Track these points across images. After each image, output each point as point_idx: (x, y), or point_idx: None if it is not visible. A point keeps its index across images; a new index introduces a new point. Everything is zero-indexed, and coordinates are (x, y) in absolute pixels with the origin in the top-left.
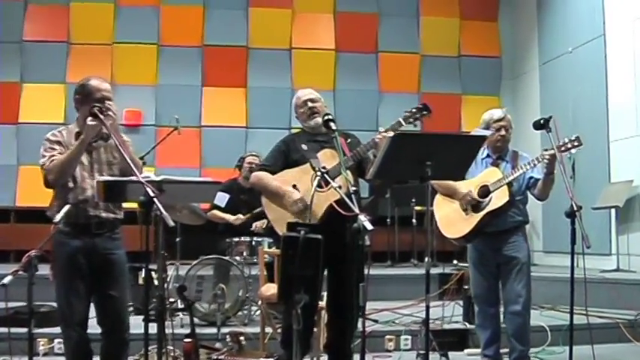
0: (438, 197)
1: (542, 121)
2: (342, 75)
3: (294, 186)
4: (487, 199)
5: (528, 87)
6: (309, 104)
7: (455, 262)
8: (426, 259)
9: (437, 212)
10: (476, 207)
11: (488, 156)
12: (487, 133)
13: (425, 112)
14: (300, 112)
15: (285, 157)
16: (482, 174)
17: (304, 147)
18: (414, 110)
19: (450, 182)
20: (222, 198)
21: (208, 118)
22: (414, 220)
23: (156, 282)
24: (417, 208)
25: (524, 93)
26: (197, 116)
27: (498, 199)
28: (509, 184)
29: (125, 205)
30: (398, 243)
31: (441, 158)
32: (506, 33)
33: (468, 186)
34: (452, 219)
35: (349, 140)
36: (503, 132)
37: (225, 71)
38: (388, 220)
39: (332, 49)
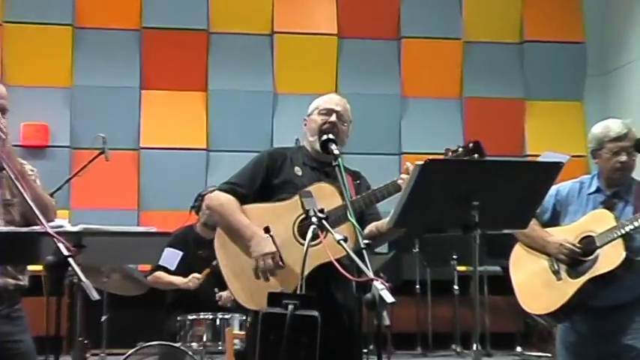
0: (518, 250)
1: None
2: (347, 72)
3: (267, 230)
4: (592, 256)
5: (625, 87)
6: (333, 117)
7: (519, 349)
8: (475, 345)
9: (514, 273)
10: (574, 268)
11: (598, 190)
12: (565, 158)
13: (477, 156)
14: (311, 121)
15: (267, 178)
16: (586, 218)
17: (297, 170)
18: (459, 150)
19: (536, 227)
20: (171, 257)
21: (150, 136)
22: (455, 287)
23: None
24: (460, 268)
25: (619, 96)
26: (133, 133)
27: (609, 258)
28: (627, 237)
29: (30, 267)
30: (432, 321)
31: (495, 197)
32: (593, 10)
33: (565, 234)
34: (536, 285)
35: (358, 182)
36: (624, 157)
37: (174, 67)
38: (417, 286)
39: (333, 34)
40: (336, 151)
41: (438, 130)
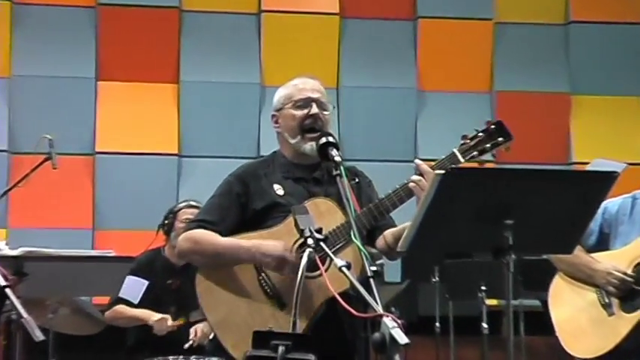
0: (559, 282)
1: None
2: (351, 60)
3: None
4: None
5: None
6: (314, 109)
7: None
8: None
9: (555, 309)
10: (629, 301)
11: None
12: (620, 166)
13: (501, 139)
14: (286, 118)
15: (242, 208)
16: None
17: (277, 189)
18: (479, 135)
19: (580, 253)
20: (134, 287)
21: (108, 138)
22: (484, 325)
23: None
24: (490, 302)
25: None
26: (87, 135)
27: None
28: None
29: None
30: None
31: (533, 214)
32: None
33: (615, 261)
34: (582, 322)
35: (356, 181)
36: None
37: (138, 53)
38: (437, 324)
39: (334, 13)
40: (338, 158)
41: (462, 132)
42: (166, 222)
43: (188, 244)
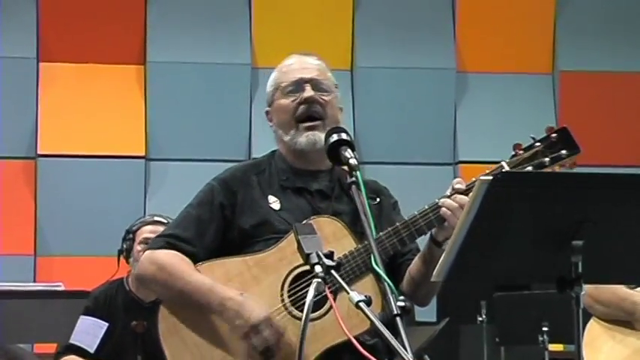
0: (593, 327)
1: None
2: (368, 35)
3: None
4: None
5: None
6: (307, 91)
7: None
8: None
9: (592, 356)
10: None
11: None
12: None
13: (564, 152)
14: (278, 111)
15: (225, 223)
16: None
17: (272, 201)
18: (536, 145)
19: (619, 289)
20: (90, 330)
21: (53, 137)
22: None
23: None
24: (555, 347)
25: None
26: (27, 133)
27: None
28: None
29: None
30: None
31: (610, 233)
32: None
33: None
34: None
35: (377, 200)
36: None
37: (92, 27)
38: None
39: None
40: (353, 160)
41: (516, 125)
42: (124, 245)
43: (151, 267)
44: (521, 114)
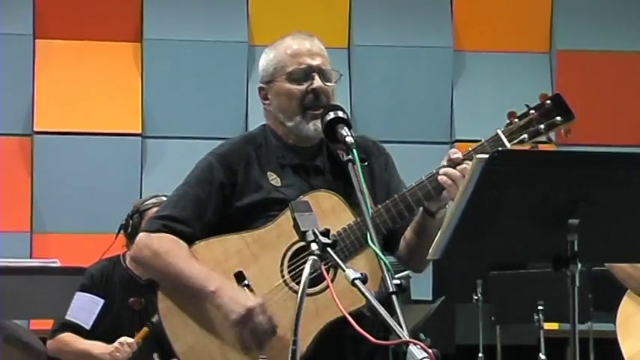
0: (627, 304)
1: None
2: (366, 12)
3: (239, 275)
4: None
5: None
6: (316, 82)
7: None
8: None
9: (625, 340)
10: None
11: None
12: None
13: (559, 119)
14: (279, 94)
15: (224, 202)
16: None
17: (272, 178)
18: (531, 113)
19: None
20: (86, 307)
21: (50, 114)
22: (542, 357)
23: None
24: (550, 326)
25: None
26: (23, 110)
27: None
28: None
29: None
30: None
31: (607, 211)
32: None
33: None
34: None
35: (366, 163)
36: None
37: (89, 3)
38: (480, 354)
39: None
40: (350, 138)
41: (513, 104)
42: (130, 222)
43: (146, 252)
44: (519, 93)
